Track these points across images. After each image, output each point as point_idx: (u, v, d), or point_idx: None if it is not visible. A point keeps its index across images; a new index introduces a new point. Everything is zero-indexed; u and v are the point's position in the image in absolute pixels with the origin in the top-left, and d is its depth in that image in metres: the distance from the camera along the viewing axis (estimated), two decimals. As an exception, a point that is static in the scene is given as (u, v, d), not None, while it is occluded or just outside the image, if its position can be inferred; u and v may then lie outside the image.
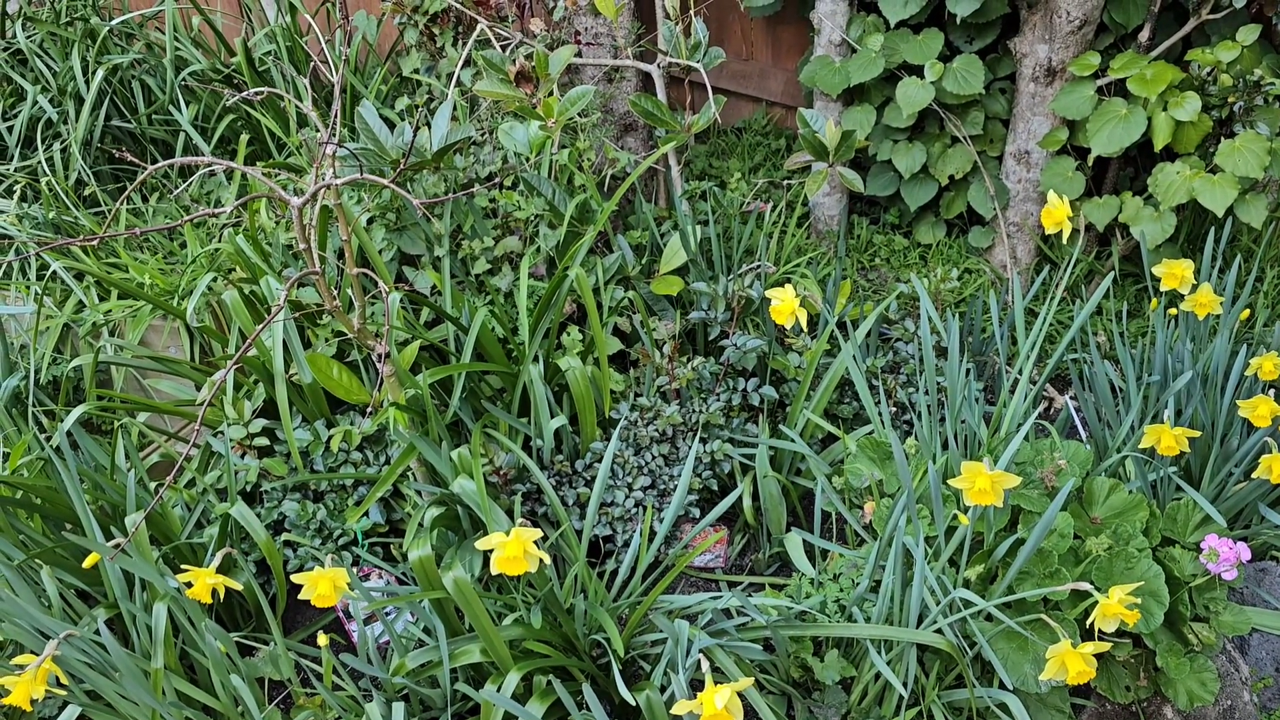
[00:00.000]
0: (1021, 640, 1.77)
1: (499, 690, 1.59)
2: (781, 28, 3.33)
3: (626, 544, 2.13)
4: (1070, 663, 1.47)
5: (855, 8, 2.83)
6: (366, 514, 2.09)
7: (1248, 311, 2.30)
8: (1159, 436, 1.86)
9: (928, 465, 1.76)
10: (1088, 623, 1.54)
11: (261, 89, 1.74)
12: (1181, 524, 1.99)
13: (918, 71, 2.73)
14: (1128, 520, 1.90)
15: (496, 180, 2.49)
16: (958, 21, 2.64)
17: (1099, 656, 1.86)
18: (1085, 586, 1.54)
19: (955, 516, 1.83)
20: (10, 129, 2.89)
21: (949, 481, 1.63)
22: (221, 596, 1.56)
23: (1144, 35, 2.59)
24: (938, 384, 2.27)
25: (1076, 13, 2.54)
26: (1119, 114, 2.50)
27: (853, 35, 2.81)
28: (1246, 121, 2.41)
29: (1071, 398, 2.62)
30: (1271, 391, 2.05)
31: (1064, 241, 2.21)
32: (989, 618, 1.81)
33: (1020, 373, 2.14)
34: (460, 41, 2.79)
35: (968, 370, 2.47)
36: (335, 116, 1.75)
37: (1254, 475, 1.91)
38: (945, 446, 2.08)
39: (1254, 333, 2.57)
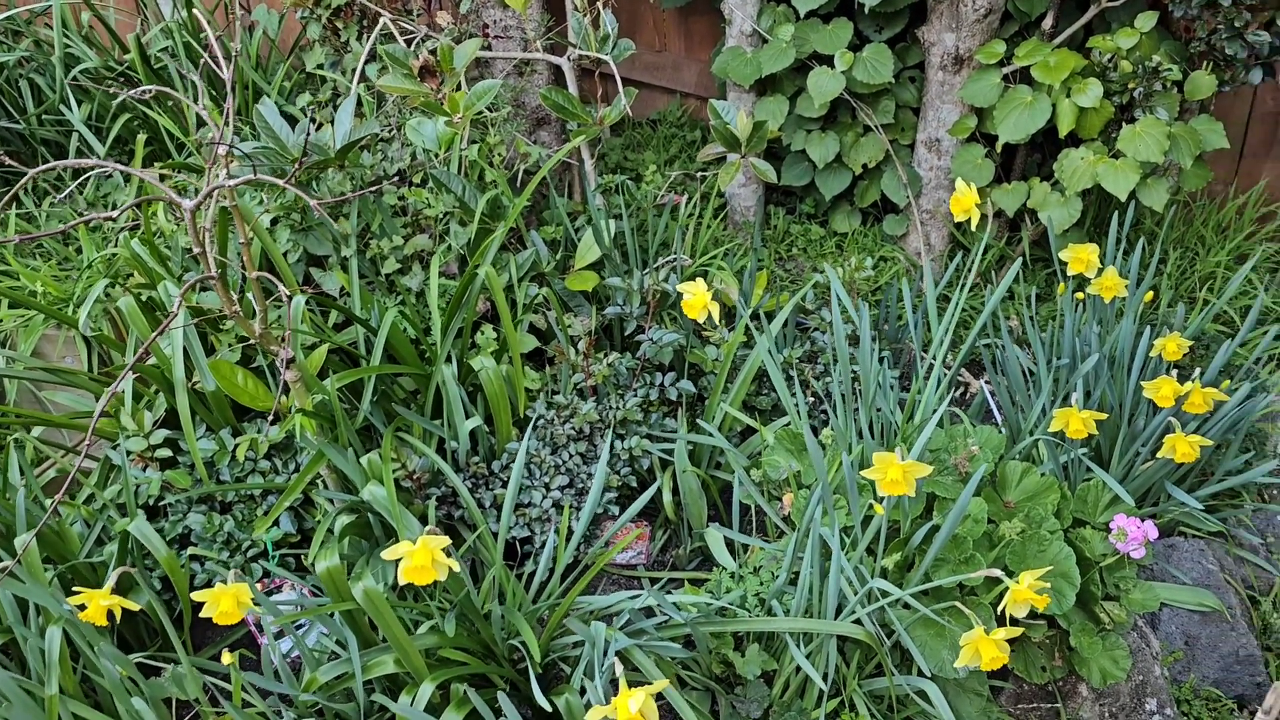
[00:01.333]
0: (939, 627, 1.78)
1: (413, 702, 1.55)
2: (694, 19, 3.32)
3: (545, 545, 2.10)
4: (984, 649, 1.49)
5: (766, -2, 2.83)
6: (276, 524, 2.04)
7: (1151, 294, 2.35)
8: (1067, 420, 1.88)
9: (843, 456, 1.76)
10: (999, 609, 1.55)
11: (150, 87, 1.67)
12: (1092, 504, 2.03)
13: (828, 61, 2.74)
14: (1040, 503, 1.92)
15: (406, 177, 2.43)
16: (866, 11, 2.65)
17: (1015, 638, 1.88)
18: (997, 573, 1.56)
19: (871, 506, 1.84)
20: (-111, 132, 2.76)
21: (863, 473, 1.63)
22: (119, 618, 1.50)
23: (1048, 23, 2.63)
24: (853, 373, 2.27)
25: (982, 1, 2.56)
26: (1024, 101, 2.53)
27: (764, 26, 2.80)
28: (1146, 107, 2.46)
29: (986, 382, 2.65)
30: (1175, 372, 2.09)
31: (974, 228, 2.23)
32: (907, 606, 1.82)
33: (934, 359, 2.15)
34: (365, 35, 2.73)
35: (882, 358, 2.49)
36: (228, 115, 1.69)
37: (1159, 455, 1.95)
38: (861, 435, 2.09)
39: (1158, 314, 2.62)
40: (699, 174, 3.05)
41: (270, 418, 2.01)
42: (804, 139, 2.93)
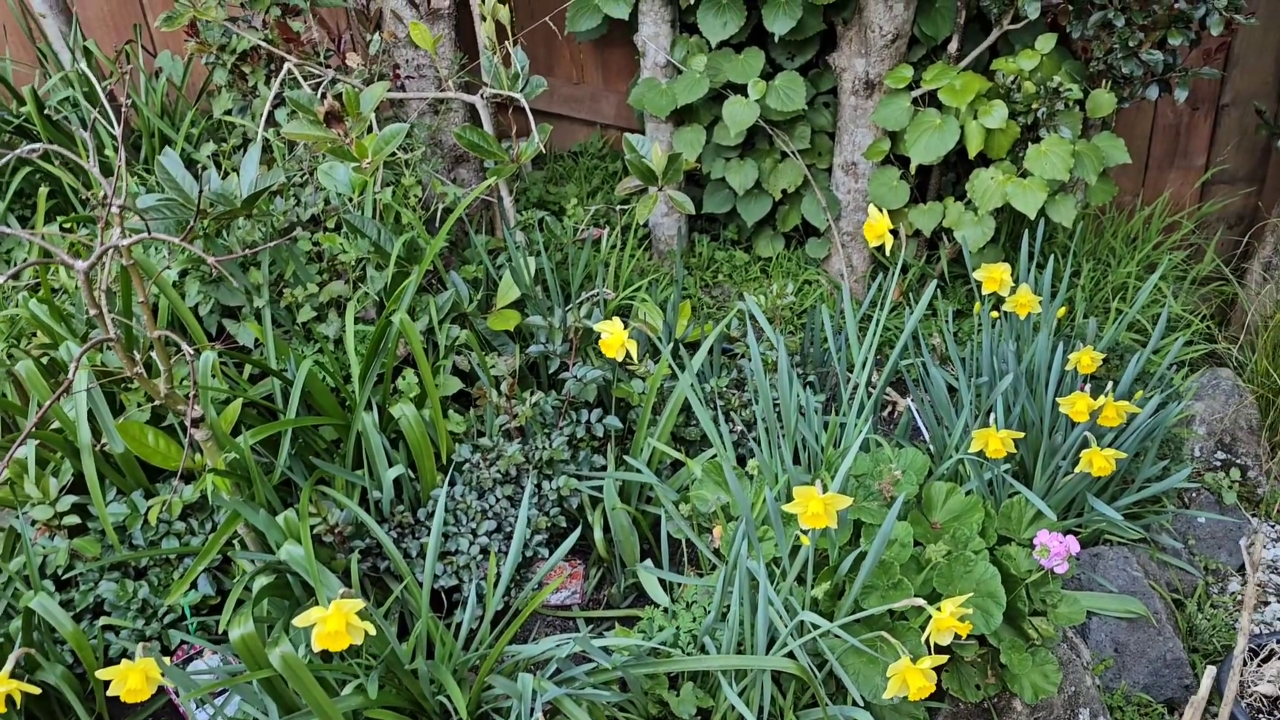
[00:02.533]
0: (870, 655, 1.78)
1: (337, 768, 1.51)
2: (610, 50, 3.33)
3: (477, 593, 2.06)
4: (911, 679, 1.48)
5: (678, 29, 2.84)
6: (194, 588, 1.97)
7: (1065, 308, 2.39)
8: (987, 440, 1.90)
9: (765, 490, 1.75)
10: (924, 636, 1.55)
11: (37, 145, 1.62)
12: (1016, 521, 2.05)
13: (742, 90, 2.76)
14: (965, 523, 1.94)
15: (320, 222, 2.39)
16: (777, 40, 2.68)
17: (950, 658, 1.89)
18: (920, 603, 1.56)
19: (799, 536, 1.83)
20: None
21: (785, 506, 1.62)
22: (19, 704, 1.43)
23: (953, 46, 2.68)
24: (775, 401, 2.28)
25: (889, 27, 2.60)
26: (934, 124, 2.57)
27: (677, 57, 2.82)
28: (1051, 126, 2.51)
29: (912, 401, 2.67)
30: (1088, 386, 2.13)
31: (889, 251, 2.26)
32: (837, 635, 1.81)
33: (859, 381, 2.16)
34: (273, 79, 2.68)
35: (809, 383, 2.50)
36: (120, 170, 1.65)
37: (1077, 469, 1.98)
38: (788, 463, 2.09)
39: (1074, 326, 2.67)
40: (620, 207, 3.05)
41: (180, 478, 1.95)
42: (723, 167, 2.95)
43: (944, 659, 1.50)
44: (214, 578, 2.02)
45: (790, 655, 1.75)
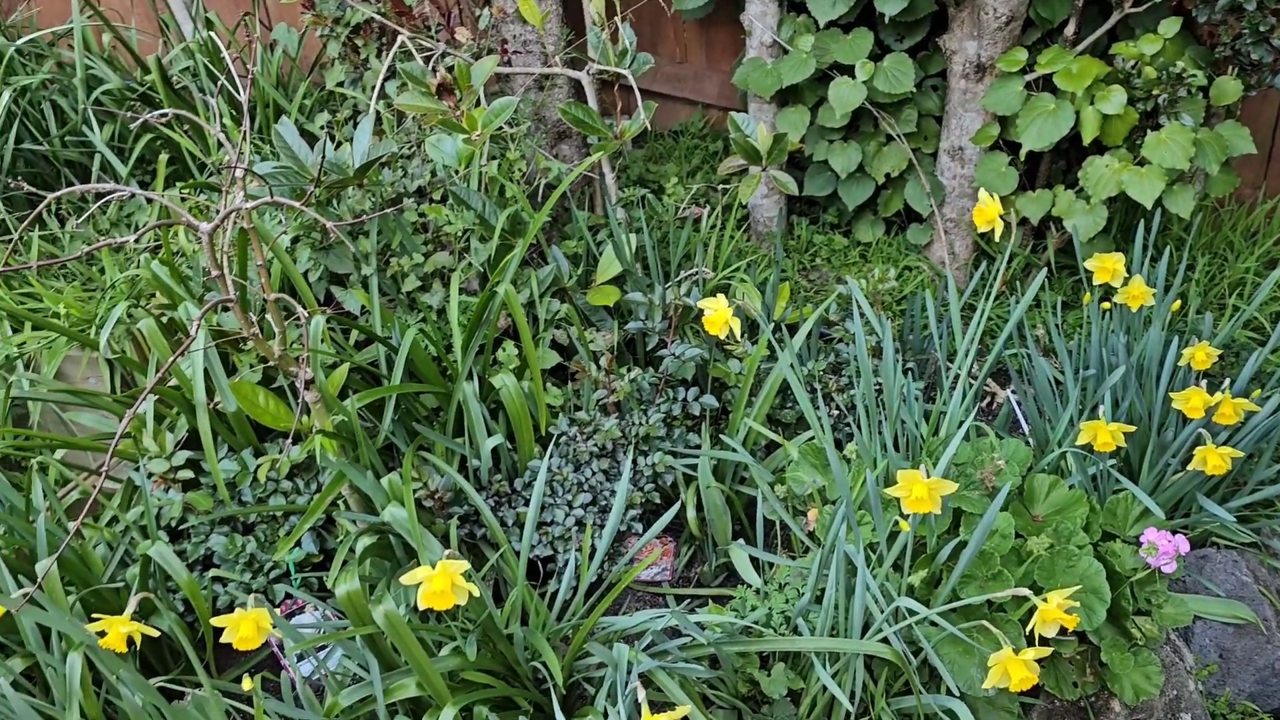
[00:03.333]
0: (967, 645, 1.75)
1: (435, 726, 1.54)
2: (715, 29, 3.31)
3: (568, 563, 2.09)
4: (1013, 670, 1.46)
5: (785, 9, 2.82)
6: (299, 545, 2.03)
7: (1179, 301, 2.32)
8: (1095, 433, 1.85)
9: (867, 473, 1.73)
10: (1027, 628, 1.52)
11: (167, 111, 1.67)
12: (1121, 517, 1.99)
13: (849, 71, 2.72)
14: (1068, 517, 1.89)
15: (426, 194, 2.43)
16: (886, 20, 2.63)
17: (1046, 655, 1.85)
18: (1025, 593, 1.53)
19: (897, 522, 1.81)
20: (-84, 156, 2.78)
21: (887, 490, 1.60)
22: (139, 644, 1.50)
23: (1070, 30, 2.60)
24: (877, 386, 2.25)
25: (1003, 9, 2.54)
26: (1047, 109, 2.50)
27: (784, 36, 2.79)
28: (1171, 113, 2.42)
29: (1013, 391, 2.62)
30: (1204, 381, 2.06)
31: (998, 238, 2.21)
32: (934, 623, 1.79)
33: (960, 370, 2.12)
34: (384, 53, 2.73)
35: (907, 370, 2.46)
36: (245, 136, 1.70)
37: (1189, 467, 1.91)
38: (886, 449, 2.06)
39: (1187, 321, 2.58)
40: (721, 186, 3.03)
41: (290, 438, 2.01)
42: (826, 149, 2.91)
43: (1047, 651, 1.47)
44: (317, 536, 2.08)
45: (885, 641, 1.73)
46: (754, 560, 2.12)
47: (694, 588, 2.22)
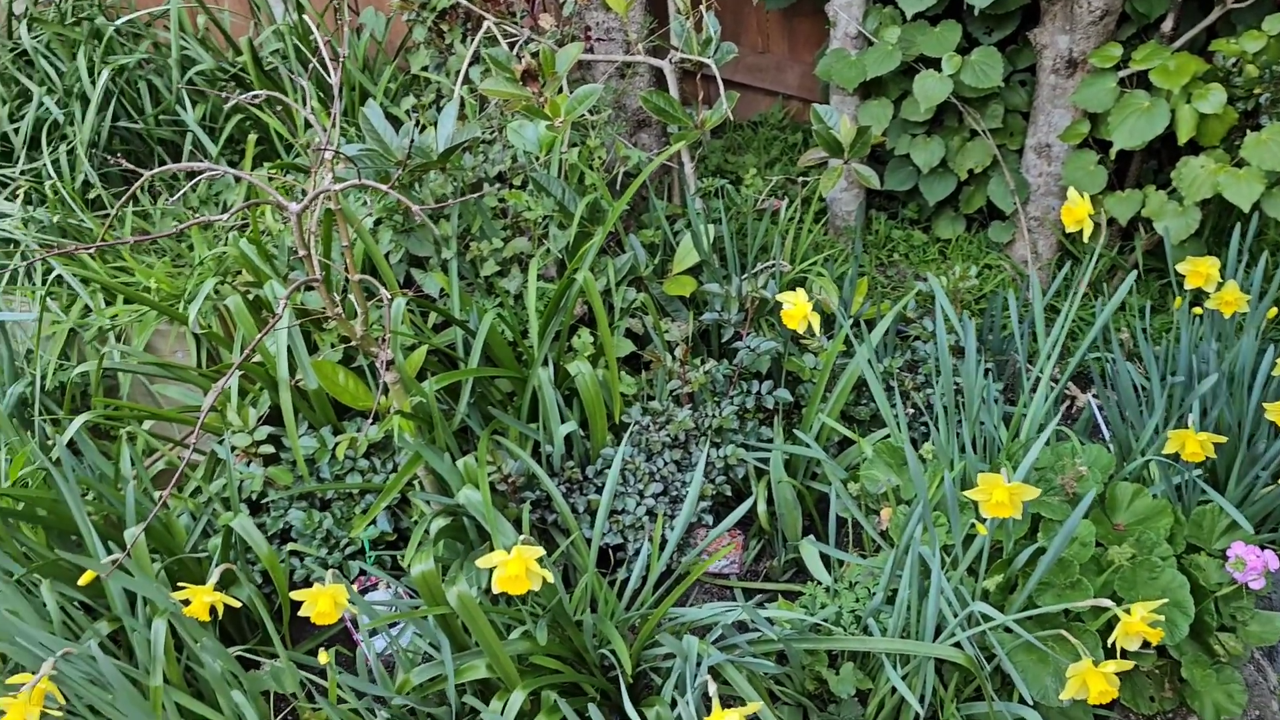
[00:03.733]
0: (1042, 653, 1.72)
1: (504, 709, 1.56)
2: (798, 20, 3.27)
3: (638, 552, 2.09)
4: (1092, 682, 1.43)
5: (872, 0, 2.77)
6: (374, 523, 2.07)
7: (1276, 309, 2.24)
8: (1183, 442, 1.80)
9: (944, 474, 1.71)
10: (1110, 640, 1.49)
11: (261, 92, 1.70)
12: (1207, 530, 1.93)
13: (935, 64, 2.67)
14: (1151, 527, 1.85)
15: (506, 179, 2.45)
16: (975, 13, 2.58)
17: (1127, 669, 1.81)
18: (1106, 603, 1.50)
19: (973, 525, 1.78)
20: (16, 131, 2.87)
21: (965, 493, 1.58)
22: (220, 613, 1.53)
23: (1167, 25, 2.52)
24: (955, 386, 2.21)
25: (1098, 3, 2.47)
26: (1141, 106, 2.43)
27: (869, 28, 2.75)
28: (1273, 113, 2.34)
29: (1094, 396, 2.55)
30: (1301, 394, 1.99)
31: (1087, 238, 2.15)
32: (1008, 630, 1.76)
33: (1041, 372, 2.08)
34: (469, 38, 2.75)
35: (986, 371, 2.42)
36: (334, 119, 1.72)
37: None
38: (964, 450, 2.03)
39: (1282, 330, 2.50)
40: (799, 178, 3.00)
41: (370, 418, 2.04)
42: (908, 143, 2.87)
43: (1129, 665, 1.44)
44: (391, 515, 2.11)
45: (957, 645, 1.71)
46: (823, 558, 2.11)
47: (761, 581, 2.21)
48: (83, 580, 1.62)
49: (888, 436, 2.18)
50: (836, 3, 2.76)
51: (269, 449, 2.10)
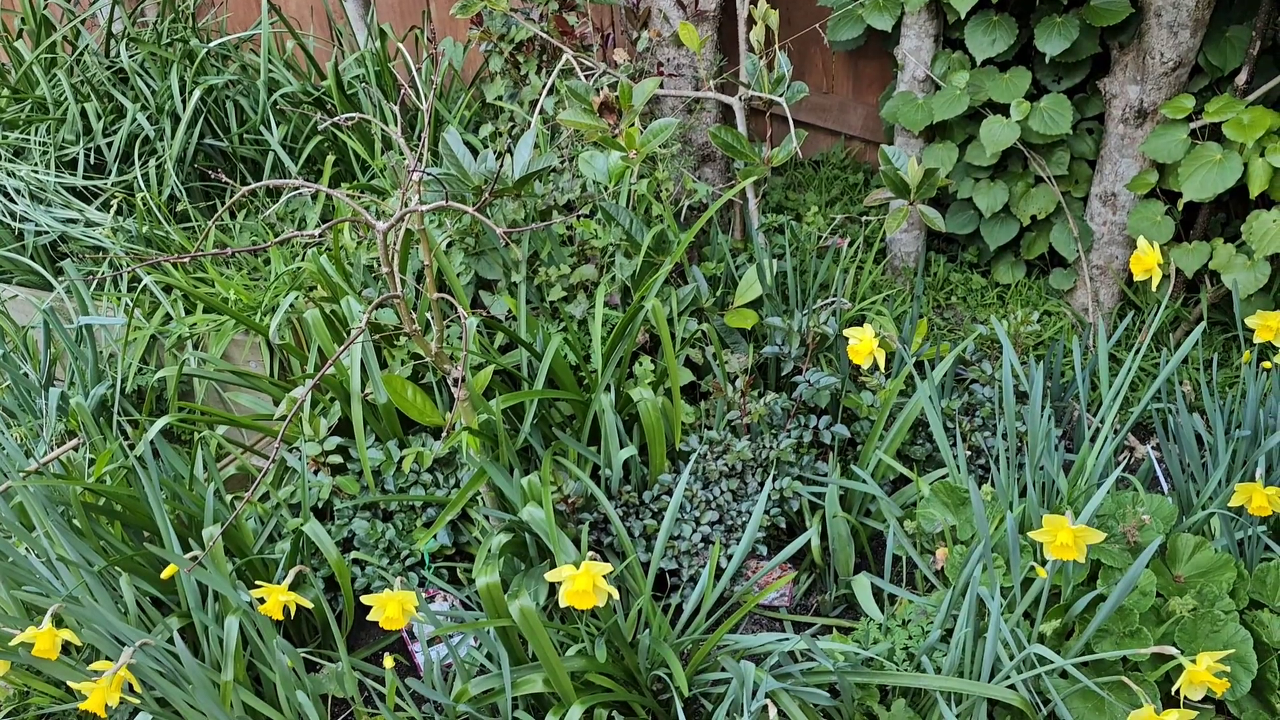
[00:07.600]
0: (1098, 700, 1.71)
1: (561, 723, 1.58)
2: (863, 62, 3.32)
3: (692, 579, 2.11)
4: (1152, 729, 1.42)
5: (941, 44, 2.81)
6: (435, 536, 2.11)
7: (1345, 367, 2.22)
8: (1250, 495, 1.79)
9: (1005, 514, 1.71)
10: (1173, 690, 1.48)
11: (353, 115, 1.77)
12: (1271, 587, 1.91)
13: (1003, 110, 2.69)
14: (1213, 580, 1.83)
15: (574, 208, 2.50)
16: (1046, 60, 2.60)
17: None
18: (1170, 650, 1.49)
19: (1032, 568, 1.78)
20: (110, 145, 2.99)
21: (1029, 534, 1.58)
22: (293, 614, 1.58)
23: (1241, 78, 2.52)
24: (1017, 430, 2.21)
25: (1171, 54, 2.48)
26: (1213, 159, 2.43)
27: (937, 72, 2.78)
28: (1349, 170, 2.33)
29: (1154, 447, 2.54)
30: (1370, 452, 1.97)
31: (1154, 288, 2.16)
32: (1064, 674, 1.75)
33: (1102, 420, 2.08)
34: (544, 70, 2.82)
35: (1049, 416, 2.42)
36: (423, 143, 1.78)
37: (1350, 540, 1.83)
38: (1022, 494, 2.03)
39: (1351, 389, 2.47)
40: (861, 217, 3.03)
41: (444, 432, 2.08)
42: (971, 187, 2.89)
43: (1192, 715, 1.43)
44: (452, 529, 2.15)
45: (1012, 687, 1.70)
46: (875, 595, 2.11)
47: (812, 615, 2.21)
48: (165, 574, 1.68)
49: (945, 476, 2.18)
50: (905, 46, 2.80)
51: (337, 459, 2.15)
